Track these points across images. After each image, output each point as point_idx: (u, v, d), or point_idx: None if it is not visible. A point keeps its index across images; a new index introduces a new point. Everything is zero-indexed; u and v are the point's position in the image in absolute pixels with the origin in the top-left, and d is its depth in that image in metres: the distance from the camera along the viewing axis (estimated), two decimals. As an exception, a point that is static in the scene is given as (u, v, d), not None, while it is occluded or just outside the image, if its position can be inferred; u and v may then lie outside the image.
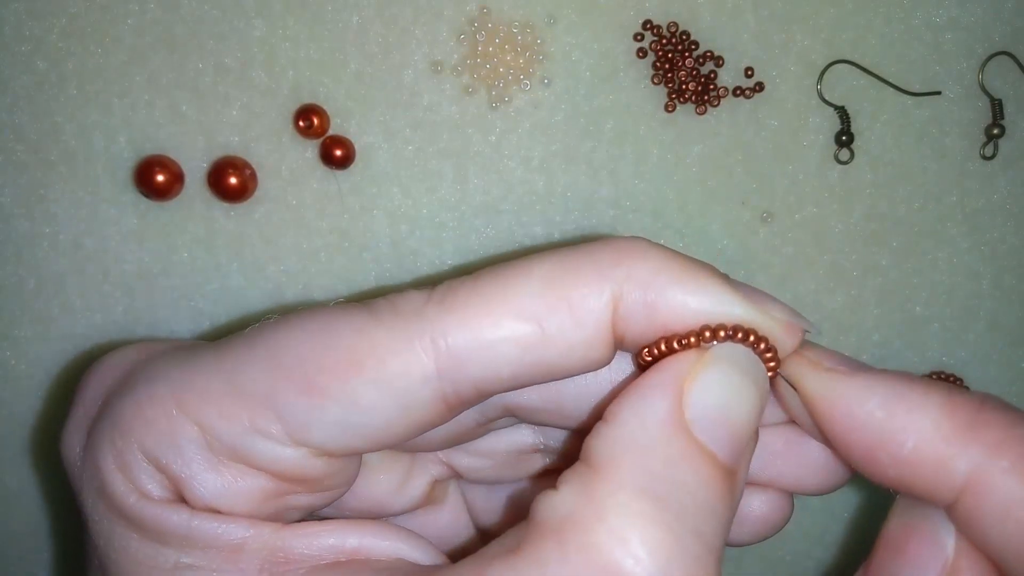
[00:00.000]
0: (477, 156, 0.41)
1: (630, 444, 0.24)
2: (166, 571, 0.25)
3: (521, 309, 0.25)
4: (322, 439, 0.26)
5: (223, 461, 0.26)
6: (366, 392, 0.25)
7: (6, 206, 0.41)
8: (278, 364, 0.25)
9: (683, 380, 0.24)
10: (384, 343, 0.25)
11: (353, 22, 0.40)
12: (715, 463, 0.24)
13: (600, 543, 0.22)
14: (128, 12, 0.40)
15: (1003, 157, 0.42)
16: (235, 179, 0.40)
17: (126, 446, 0.26)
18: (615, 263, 0.25)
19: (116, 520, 0.26)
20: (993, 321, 0.43)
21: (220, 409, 0.25)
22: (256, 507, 0.26)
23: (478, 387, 0.26)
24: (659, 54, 0.41)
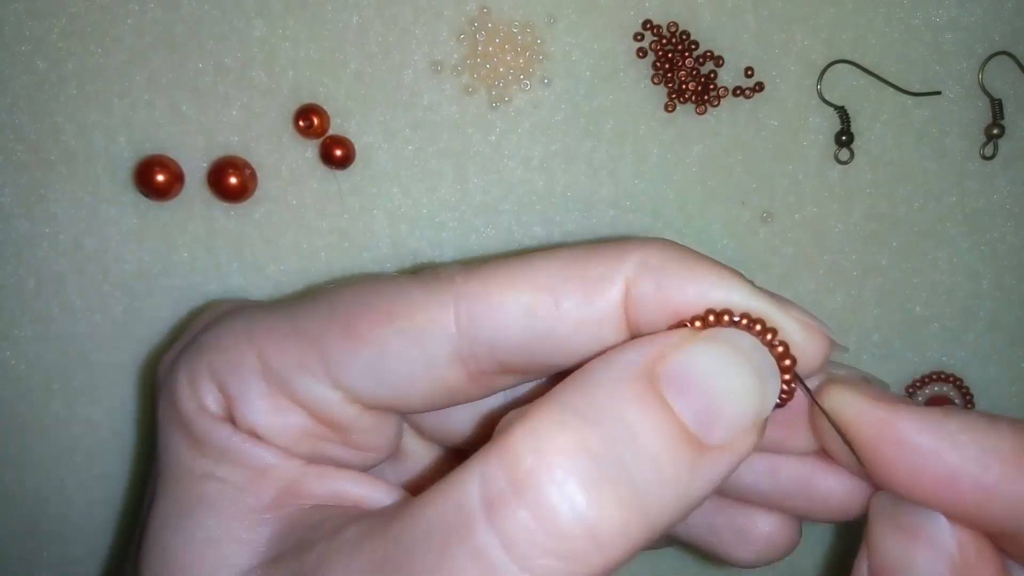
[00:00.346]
0: (477, 156, 0.41)
1: (585, 377, 0.24)
2: (196, 477, 0.28)
3: (538, 281, 0.26)
4: (354, 382, 0.28)
5: (273, 391, 0.29)
6: (395, 340, 0.27)
7: (6, 206, 0.41)
8: (331, 312, 0.29)
9: (670, 347, 0.24)
10: (415, 299, 0.27)
11: (353, 22, 0.40)
12: (680, 428, 0.23)
13: (514, 440, 0.23)
14: (128, 12, 0.40)
15: (1003, 157, 0.42)
16: (235, 179, 0.40)
17: (199, 366, 0.29)
18: (633, 249, 0.26)
19: (175, 427, 0.29)
20: (993, 321, 0.43)
21: (279, 345, 0.29)
22: (292, 443, 0.29)
23: (492, 349, 0.27)
24: (659, 54, 0.41)
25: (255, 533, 0.28)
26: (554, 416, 0.23)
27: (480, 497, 0.22)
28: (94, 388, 0.42)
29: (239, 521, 0.28)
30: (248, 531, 0.28)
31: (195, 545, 0.27)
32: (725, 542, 0.32)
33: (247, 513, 0.28)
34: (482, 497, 0.22)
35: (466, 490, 0.23)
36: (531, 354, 0.27)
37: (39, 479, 0.42)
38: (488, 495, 0.22)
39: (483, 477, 0.23)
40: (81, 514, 0.42)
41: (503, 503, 0.22)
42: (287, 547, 0.27)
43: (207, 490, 0.28)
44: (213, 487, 0.28)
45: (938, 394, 0.43)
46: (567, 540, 0.22)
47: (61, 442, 0.42)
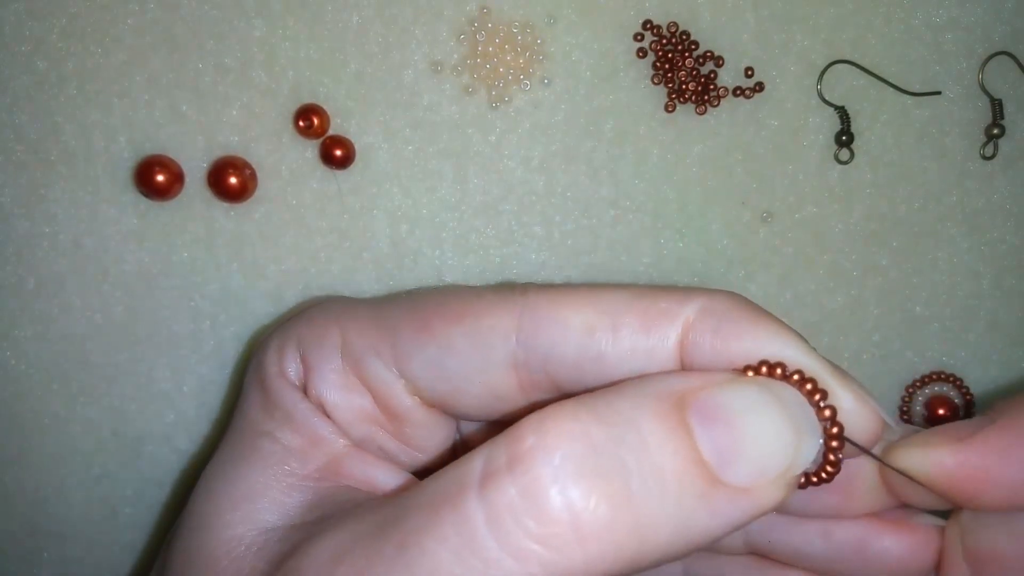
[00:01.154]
0: (477, 156, 0.41)
1: (617, 387, 0.24)
2: (256, 433, 0.31)
3: (602, 305, 0.27)
4: (417, 373, 0.30)
5: (346, 370, 0.31)
6: (460, 338, 0.29)
7: (6, 206, 0.41)
8: (410, 307, 0.31)
9: (711, 382, 0.24)
10: (486, 304, 0.29)
11: (353, 22, 0.40)
12: (694, 453, 0.23)
13: (522, 432, 0.23)
14: (128, 12, 0.40)
15: (1003, 157, 0.42)
16: (235, 179, 0.40)
17: (289, 334, 0.32)
18: (698, 294, 0.27)
19: (254, 388, 0.32)
20: (993, 321, 0.43)
21: (360, 328, 0.31)
22: (351, 421, 0.31)
23: (546, 362, 0.28)
24: (659, 54, 0.41)
25: (290, 497, 0.29)
26: (568, 409, 0.23)
27: (480, 471, 0.23)
28: (94, 388, 0.42)
29: (279, 482, 0.29)
30: (284, 493, 0.29)
31: (235, 495, 0.29)
32: None
33: (288, 476, 0.29)
34: (481, 471, 0.23)
35: (470, 463, 0.23)
36: (581, 373, 0.28)
37: (39, 479, 0.42)
38: (486, 469, 0.23)
39: (488, 454, 0.23)
40: (81, 514, 0.42)
41: (496, 476, 0.22)
42: (311, 517, 0.28)
43: (261, 446, 0.30)
44: (267, 445, 0.30)
45: (938, 394, 0.43)
46: (549, 524, 0.22)
47: (61, 442, 0.42)
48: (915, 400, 0.43)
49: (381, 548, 0.23)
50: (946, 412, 0.43)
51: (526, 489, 0.22)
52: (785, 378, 0.24)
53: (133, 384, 0.42)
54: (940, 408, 0.43)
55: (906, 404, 0.44)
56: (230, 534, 0.28)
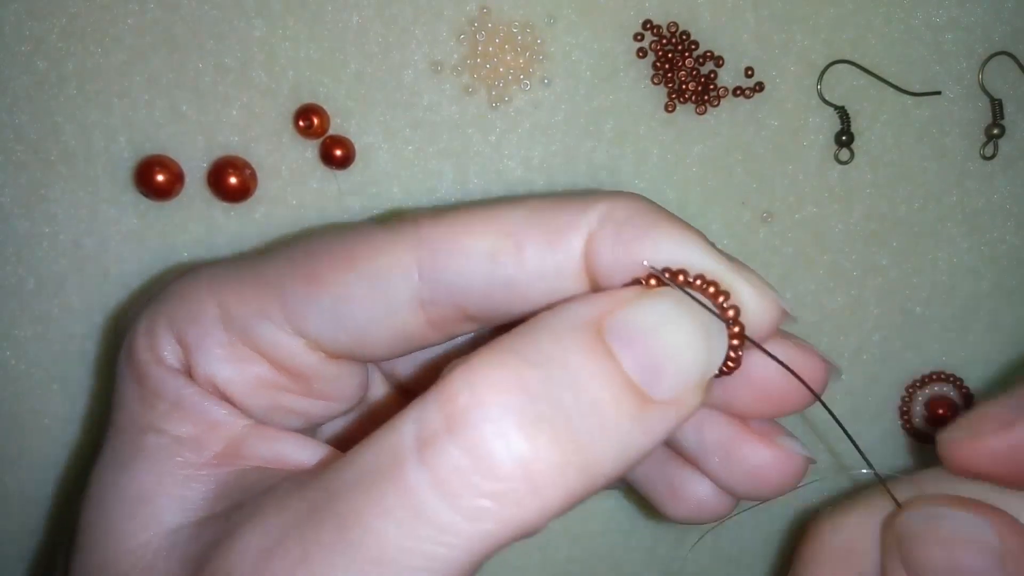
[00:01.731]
0: (477, 156, 0.41)
1: (533, 324, 0.23)
2: (139, 429, 0.28)
3: (502, 227, 0.26)
4: (315, 328, 0.28)
5: (233, 341, 0.28)
6: (356, 284, 0.27)
7: (6, 206, 0.41)
8: (292, 259, 0.28)
9: (620, 301, 0.24)
10: (378, 243, 0.27)
11: (353, 22, 0.40)
12: (624, 378, 0.23)
13: (453, 383, 0.22)
14: (128, 12, 0.40)
15: (1003, 157, 0.42)
16: (235, 179, 0.40)
17: (157, 316, 0.29)
18: (598, 201, 0.26)
19: (129, 379, 0.29)
20: (993, 321, 0.43)
21: (239, 293, 0.28)
22: (250, 393, 0.28)
23: (453, 295, 0.27)
24: (659, 54, 0.41)
25: (190, 489, 0.27)
26: (494, 357, 0.22)
27: (414, 437, 0.22)
28: (94, 388, 0.42)
29: (174, 476, 0.27)
30: (182, 487, 0.27)
31: (128, 500, 0.27)
32: (660, 495, 0.32)
33: (183, 468, 0.27)
34: (416, 437, 0.22)
35: (401, 431, 0.22)
36: (491, 301, 0.27)
37: (39, 479, 0.42)
38: (421, 435, 0.22)
39: (418, 418, 0.22)
40: (81, 514, 0.42)
41: (435, 441, 0.21)
42: (220, 508, 0.26)
43: (147, 443, 0.27)
44: (153, 440, 0.27)
45: (938, 394, 0.43)
46: (500, 480, 0.21)
47: (61, 442, 0.42)
48: (915, 400, 0.44)
49: (317, 534, 0.22)
50: (946, 412, 0.43)
51: (470, 448, 0.21)
52: (688, 283, 0.24)
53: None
54: (940, 408, 0.43)
55: (906, 404, 0.44)
56: (133, 543, 0.26)
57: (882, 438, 0.44)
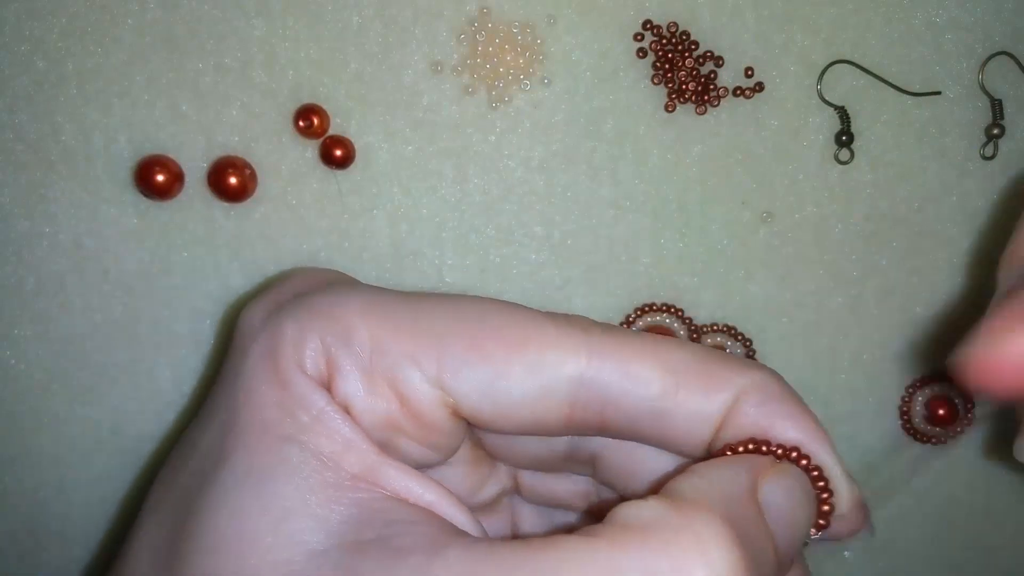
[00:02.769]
0: (477, 156, 0.41)
1: (719, 489, 0.26)
2: (280, 438, 0.27)
3: (669, 364, 0.29)
4: (463, 390, 0.29)
5: (375, 373, 0.29)
6: (518, 368, 0.28)
7: (6, 206, 0.41)
8: (459, 320, 0.29)
9: (762, 470, 0.27)
10: (550, 336, 0.29)
11: (353, 22, 0.40)
12: (774, 545, 0.26)
13: (683, 545, 0.23)
14: (128, 12, 0.40)
15: (1003, 157, 0.42)
16: (235, 179, 0.40)
17: (308, 327, 0.29)
18: (755, 369, 0.29)
19: (267, 382, 0.28)
20: (993, 321, 0.43)
21: (395, 331, 0.29)
22: (375, 426, 0.29)
23: (603, 407, 0.29)
24: (659, 54, 0.41)
25: (331, 511, 0.26)
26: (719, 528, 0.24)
27: None
28: (94, 388, 0.42)
29: (317, 495, 0.27)
30: (324, 507, 0.26)
31: (272, 513, 0.26)
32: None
33: (325, 488, 0.27)
34: None
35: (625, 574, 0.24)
36: (636, 423, 0.29)
37: (39, 479, 0.42)
38: None
39: (647, 572, 0.23)
40: (81, 514, 0.42)
41: None
42: (368, 537, 0.26)
43: (290, 455, 0.27)
44: (296, 453, 0.27)
45: (938, 394, 0.43)
46: None
47: (61, 442, 0.42)
48: (915, 400, 0.43)
49: None
50: (946, 412, 0.43)
51: None
52: (807, 470, 0.28)
53: (133, 384, 0.42)
54: (940, 408, 0.43)
55: (906, 404, 0.44)
56: (275, 559, 0.26)
57: (882, 438, 0.44)
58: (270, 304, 0.31)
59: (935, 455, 0.44)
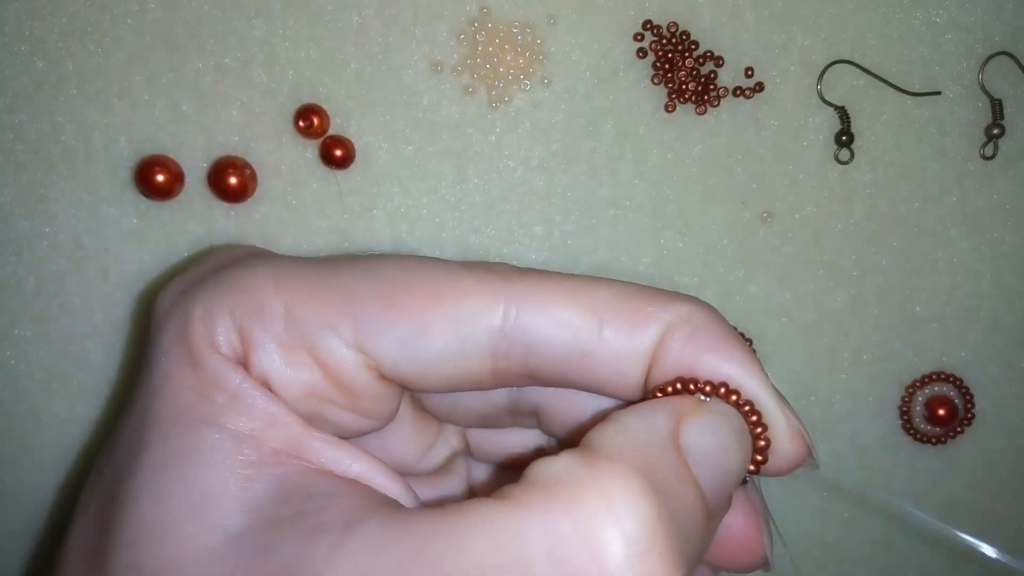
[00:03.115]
0: (477, 156, 0.41)
1: (632, 438, 0.25)
2: (197, 422, 0.27)
3: (590, 304, 0.27)
4: (382, 352, 0.28)
5: (292, 344, 0.28)
6: (436, 322, 0.27)
7: (6, 206, 0.41)
8: (370, 279, 0.28)
9: (684, 412, 0.26)
10: (466, 286, 0.28)
11: (353, 22, 0.40)
12: (699, 492, 0.24)
13: (589, 503, 0.22)
14: (128, 12, 0.40)
15: (1003, 157, 0.42)
16: (235, 179, 0.40)
17: (218, 304, 0.28)
18: (681, 301, 0.28)
19: (181, 365, 0.28)
20: (993, 321, 0.43)
21: (308, 298, 0.28)
22: (299, 398, 0.28)
23: (527, 354, 0.28)
24: (659, 54, 0.41)
25: (251, 490, 0.26)
26: (631, 482, 0.23)
27: (546, 554, 0.22)
28: (94, 388, 0.42)
29: (237, 476, 0.26)
30: (245, 487, 0.26)
31: (192, 500, 0.26)
32: None
33: (246, 467, 0.26)
34: (548, 554, 0.22)
35: (527, 543, 0.22)
36: (560, 368, 0.28)
37: (39, 479, 0.42)
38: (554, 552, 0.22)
39: (550, 533, 0.22)
40: (81, 514, 0.42)
41: (570, 559, 0.22)
42: (286, 513, 0.25)
43: (207, 438, 0.27)
44: (213, 436, 0.27)
45: (938, 394, 0.43)
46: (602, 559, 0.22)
47: (61, 442, 0.42)
48: (915, 400, 0.43)
49: None
50: (946, 412, 0.43)
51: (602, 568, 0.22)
52: (738, 406, 0.27)
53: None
54: (940, 408, 0.43)
55: (906, 404, 0.44)
56: (197, 547, 0.25)
57: (882, 438, 0.44)
58: (182, 285, 0.30)
59: (935, 455, 0.44)
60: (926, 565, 0.45)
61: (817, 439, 0.43)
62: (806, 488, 0.44)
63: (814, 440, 0.28)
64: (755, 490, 0.29)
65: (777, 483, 0.44)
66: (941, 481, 0.44)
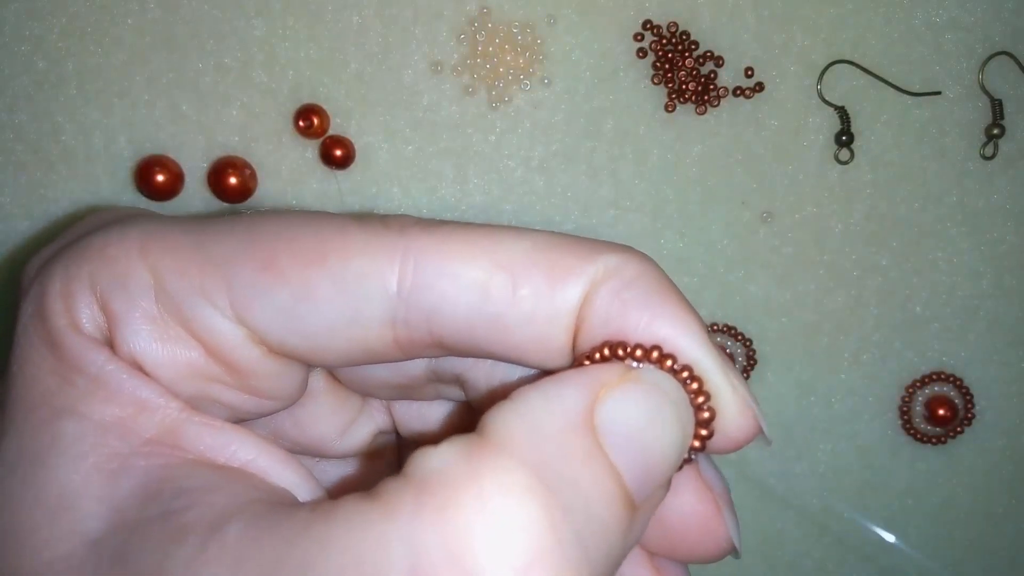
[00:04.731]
0: (477, 156, 0.41)
1: (529, 422, 0.21)
2: (54, 411, 0.24)
3: (502, 258, 0.23)
4: (263, 321, 0.24)
5: (164, 318, 0.24)
6: (321, 285, 0.24)
7: (6, 206, 0.41)
8: (247, 238, 0.24)
9: (603, 385, 0.22)
10: (355, 243, 0.24)
11: (353, 22, 0.40)
12: (618, 481, 0.21)
13: (461, 506, 0.19)
14: (128, 12, 0.40)
15: (1003, 157, 0.42)
16: (235, 179, 0.40)
17: (78, 275, 0.24)
18: (608, 251, 0.24)
19: (38, 345, 0.24)
20: (993, 321, 0.43)
21: (179, 265, 0.24)
22: (177, 379, 0.25)
23: (430, 319, 0.24)
24: (659, 54, 0.41)
25: (116, 488, 0.23)
26: (501, 462, 0.20)
27: (408, 567, 0.19)
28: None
29: (100, 472, 0.23)
30: (108, 485, 0.23)
31: (47, 503, 0.23)
32: None
33: (110, 461, 0.23)
34: (410, 567, 0.19)
35: (390, 550, 0.19)
36: (470, 334, 0.24)
37: None
38: (417, 567, 0.19)
39: (412, 541, 0.19)
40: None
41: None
42: (152, 513, 0.22)
43: (65, 430, 0.23)
44: (72, 427, 0.23)
45: (938, 394, 0.43)
46: None
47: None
48: (915, 400, 0.43)
49: None
50: (946, 412, 0.43)
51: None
52: (674, 373, 0.23)
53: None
54: (940, 408, 0.43)
55: (906, 404, 0.44)
56: (52, 555, 0.22)
57: (882, 438, 0.44)
58: (46, 254, 0.26)
59: (935, 455, 0.44)
60: (926, 566, 0.45)
61: (817, 439, 0.43)
62: (806, 488, 0.44)
63: (813, 438, 0.26)
64: (710, 467, 0.26)
65: (777, 482, 0.44)
66: (941, 481, 0.44)
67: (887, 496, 0.44)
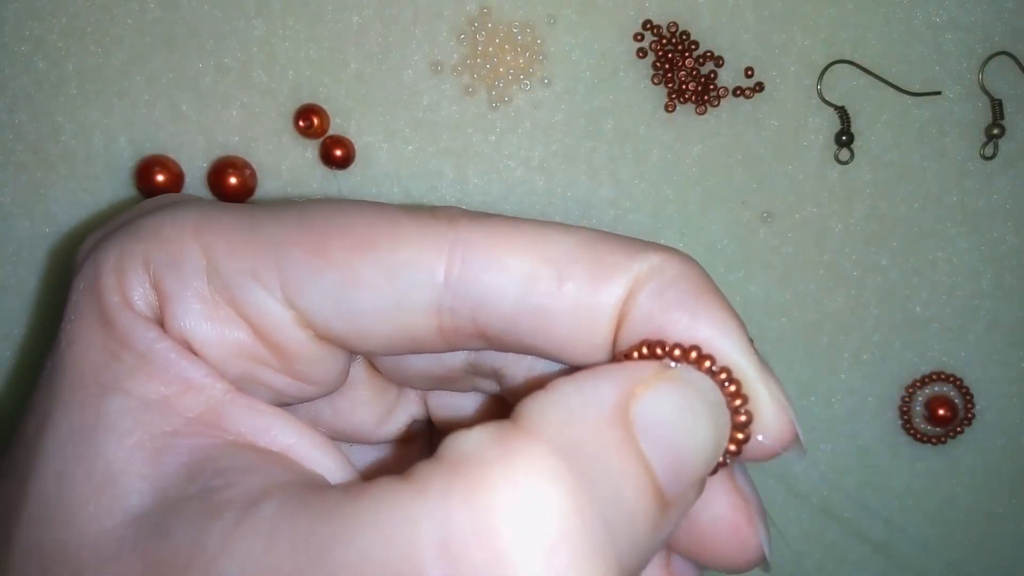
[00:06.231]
0: (477, 156, 0.41)
1: (563, 411, 0.21)
2: (101, 388, 0.24)
3: (548, 253, 0.24)
4: (311, 305, 0.25)
5: (215, 298, 0.25)
6: (369, 272, 0.24)
7: (6, 206, 0.41)
8: (299, 223, 0.25)
9: (640, 382, 0.22)
10: (405, 232, 0.24)
11: (353, 22, 0.40)
12: (650, 475, 0.21)
13: (492, 487, 0.19)
14: (128, 12, 0.40)
15: (1003, 157, 0.42)
16: (235, 179, 0.40)
17: (132, 253, 0.25)
18: (653, 251, 0.24)
19: (90, 321, 0.25)
20: (993, 321, 0.43)
21: (232, 246, 0.25)
22: (224, 360, 0.25)
23: (475, 312, 0.24)
24: (659, 54, 0.41)
25: (159, 465, 0.23)
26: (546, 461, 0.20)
27: (437, 544, 0.19)
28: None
29: (144, 450, 0.23)
30: (152, 462, 0.23)
31: (95, 477, 0.23)
32: None
33: (155, 439, 0.23)
34: (439, 544, 0.19)
35: (419, 527, 0.19)
36: (514, 325, 0.24)
37: None
38: (447, 544, 0.19)
39: (442, 521, 0.19)
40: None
41: (464, 554, 0.19)
42: (193, 491, 0.23)
43: (111, 407, 0.24)
44: (118, 403, 0.24)
45: (938, 394, 0.43)
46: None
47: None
48: (915, 400, 0.43)
49: None
50: (946, 412, 0.43)
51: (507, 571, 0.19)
52: (712, 374, 0.23)
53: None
54: (940, 408, 0.43)
55: (906, 404, 0.44)
56: (97, 529, 0.23)
57: (882, 438, 0.44)
58: (99, 234, 0.27)
59: (935, 455, 0.44)
60: (925, 566, 0.45)
61: (817, 439, 0.43)
62: (806, 488, 0.44)
63: (813, 438, 0.26)
64: (742, 475, 0.26)
65: (776, 482, 0.44)
66: (941, 481, 0.44)
67: (887, 496, 0.44)
